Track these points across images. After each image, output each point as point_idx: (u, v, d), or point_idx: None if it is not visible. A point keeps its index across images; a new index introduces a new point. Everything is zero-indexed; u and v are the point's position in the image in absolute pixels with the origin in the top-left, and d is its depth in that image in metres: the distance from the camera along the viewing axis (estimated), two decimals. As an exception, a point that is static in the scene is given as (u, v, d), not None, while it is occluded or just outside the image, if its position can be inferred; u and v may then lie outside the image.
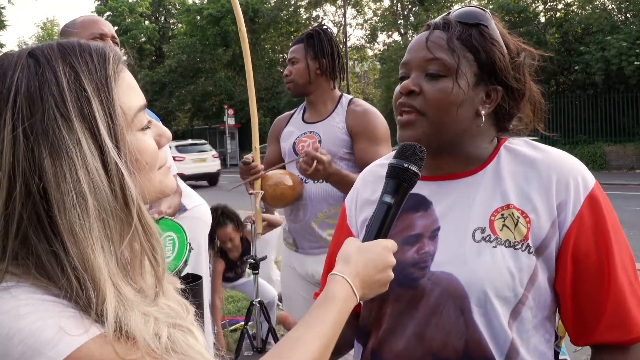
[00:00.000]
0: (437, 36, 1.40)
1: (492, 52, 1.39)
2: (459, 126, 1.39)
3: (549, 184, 1.37)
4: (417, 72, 1.40)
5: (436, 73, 1.38)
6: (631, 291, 1.34)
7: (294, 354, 1.00)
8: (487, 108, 1.42)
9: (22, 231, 0.87)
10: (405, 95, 1.40)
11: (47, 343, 0.80)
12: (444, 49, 1.38)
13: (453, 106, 1.37)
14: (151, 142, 1.00)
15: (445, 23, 1.42)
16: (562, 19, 28.07)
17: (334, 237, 1.72)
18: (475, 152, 1.45)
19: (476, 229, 1.38)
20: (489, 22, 1.41)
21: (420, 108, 1.38)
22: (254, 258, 4.64)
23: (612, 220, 1.36)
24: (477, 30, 1.40)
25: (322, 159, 2.69)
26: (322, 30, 3.18)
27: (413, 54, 1.43)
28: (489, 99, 1.41)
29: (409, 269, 1.38)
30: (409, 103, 1.40)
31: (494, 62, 1.38)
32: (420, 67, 1.40)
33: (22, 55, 0.92)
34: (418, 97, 1.39)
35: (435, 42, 1.39)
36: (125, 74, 0.98)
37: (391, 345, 1.43)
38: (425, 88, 1.38)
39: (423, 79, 1.39)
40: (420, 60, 1.40)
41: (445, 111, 1.37)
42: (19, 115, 0.86)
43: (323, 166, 2.70)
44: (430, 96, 1.38)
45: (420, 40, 1.43)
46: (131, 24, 48.86)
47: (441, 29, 1.41)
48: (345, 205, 1.69)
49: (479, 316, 1.33)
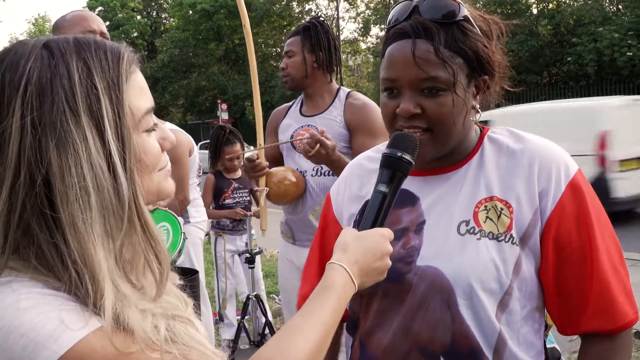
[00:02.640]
0: (424, 50, 1.31)
1: (477, 48, 1.34)
2: (462, 130, 1.38)
3: (531, 173, 1.37)
4: (411, 91, 1.34)
5: (435, 89, 1.32)
6: (616, 278, 1.33)
7: (295, 342, 1.01)
8: (479, 100, 1.41)
9: (24, 221, 0.87)
10: (407, 119, 1.35)
11: (49, 336, 0.80)
12: (436, 63, 1.31)
13: (456, 117, 1.34)
14: (155, 144, 1.01)
15: (425, 28, 1.32)
16: (555, 10, 28.08)
17: (320, 225, 1.71)
18: (463, 145, 1.44)
19: (461, 222, 1.38)
20: (464, 11, 1.35)
21: (426, 126, 1.35)
22: (250, 252, 4.66)
23: (595, 207, 1.36)
24: (458, 29, 1.33)
25: (326, 143, 2.67)
26: (319, 22, 3.16)
27: (401, 70, 1.34)
28: (478, 90, 1.40)
29: (395, 264, 1.36)
30: (414, 125, 1.35)
31: (480, 57, 1.35)
32: (413, 85, 1.33)
33: (37, 45, 0.92)
34: (420, 117, 1.34)
35: (423, 57, 1.31)
36: (137, 75, 0.98)
37: (378, 339, 1.43)
38: (426, 106, 1.33)
39: (419, 96, 1.34)
40: (412, 79, 1.33)
41: (450, 124, 1.35)
42: (29, 104, 0.86)
43: (326, 151, 2.68)
44: (433, 114, 1.33)
45: (404, 54, 1.33)
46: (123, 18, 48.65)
47: (423, 37, 1.32)
48: (331, 195, 1.68)
49: (465, 309, 1.34)
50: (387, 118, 1.41)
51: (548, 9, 28.80)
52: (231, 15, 40.01)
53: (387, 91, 1.40)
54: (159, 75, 43.29)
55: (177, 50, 42.89)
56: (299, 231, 3.14)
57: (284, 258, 3.30)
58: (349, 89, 3.25)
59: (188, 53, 43.25)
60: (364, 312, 1.48)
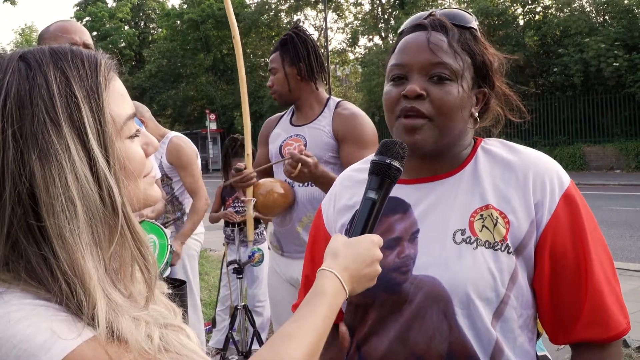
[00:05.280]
0: (439, 38, 1.38)
1: (485, 56, 1.41)
2: (459, 129, 1.40)
3: (526, 184, 1.38)
4: (420, 75, 1.38)
5: (443, 76, 1.36)
6: (609, 289, 1.34)
7: (287, 349, 1.01)
8: (478, 109, 1.44)
9: (12, 236, 0.87)
10: (411, 99, 1.38)
11: (41, 347, 0.80)
12: (448, 52, 1.37)
13: (459, 110, 1.37)
14: (139, 150, 1.01)
15: (441, 24, 1.41)
16: (541, 21, 28.31)
17: (310, 238, 1.71)
18: (457, 153, 1.46)
19: (456, 230, 1.39)
20: (475, 23, 1.44)
21: (427, 112, 1.37)
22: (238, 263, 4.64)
23: (588, 219, 1.37)
24: (470, 34, 1.41)
25: (307, 161, 2.67)
26: (296, 33, 3.15)
27: (413, 55, 1.39)
28: (477, 101, 1.44)
29: (391, 274, 1.37)
30: (416, 108, 1.37)
31: (487, 65, 1.40)
32: (423, 69, 1.38)
33: (13, 58, 0.91)
34: (424, 101, 1.37)
35: (437, 44, 1.37)
36: (116, 82, 0.98)
37: (375, 348, 1.43)
38: (432, 92, 1.37)
39: (427, 82, 1.37)
40: (424, 62, 1.38)
41: (452, 115, 1.37)
42: (9, 117, 0.86)
43: (309, 169, 2.68)
44: (438, 100, 1.36)
45: (419, 41, 1.40)
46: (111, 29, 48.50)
47: (439, 30, 1.40)
48: (322, 208, 1.69)
49: (462, 318, 1.34)
50: (389, 104, 1.43)
51: (534, 20, 29.02)
52: (219, 25, 40.04)
53: (394, 80, 1.43)
54: (147, 85, 43.19)
55: (165, 60, 42.82)
56: (287, 243, 3.13)
57: (273, 269, 3.29)
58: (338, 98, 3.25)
59: (176, 63, 43.20)
60: (360, 322, 1.47)
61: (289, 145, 3.08)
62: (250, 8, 40.99)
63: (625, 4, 24.66)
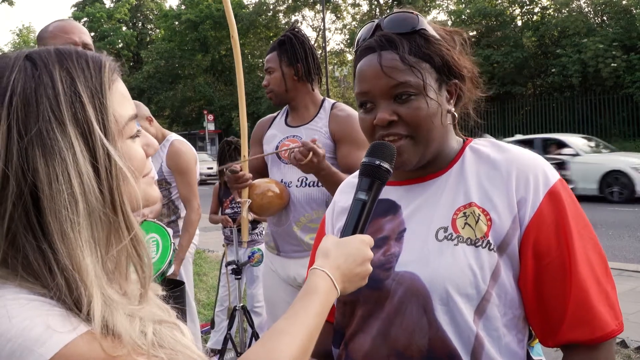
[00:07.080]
0: (390, 58, 1.37)
1: (441, 52, 1.39)
2: (440, 135, 1.41)
3: (509, 181, 1.37)
4: (385, 100, 1.39)
5: (406, 95, 1.37)
6: (597, 288, 1.31)
7: (280, 345, 1.03)
8: (453, 103, 1.45)
9: (12, 231, 0.88)
10: (385, 127, 1.39)
11: (36, 340, 0.80)
12: (403, 70, 1.36)
13: (433, 118, 1.38)
14: (140, 150, 1.03)
15: (389, 40, 1.39)
16: (539, 22, 28.41)
17: (315, 243, 1.73)
18: (445, 152, 1.46)
19: (439, 228, 1.39)
20: (424, 23, 1.41)
21: (405, 132, 1.38)
22: (236, 263, 4.64)
23: (575, 216, 1.35)
24: (420, 37, 1.40)
25: (318, 151, 2.68)
26: (294, 34, 3.17)
27: (372, 82, 1.40)
28: (451, 95, 1.44)
29: (375, 270, 1.37)
30: (393, 132, 1.39)
31: (446, 60, 1.40)
32: (385, 94, 1.38)
33: (19, 57, 0.93)
34: (397, 123, 1.38)
35: (390, 65, 1.37)
36: (119, 83, 1.00)
37: (360, 345, 1.44)
38: (402, 112, 1.37)
39: (393, 104, 1.38)
40: (383, 88, 1.38)
41: (428, 126, 1.38)
42: (15, 115, 0.88)
43: (318, 159, 2.69)
44: (410, 119, 1.37)
45: (372, 65, 1.40)
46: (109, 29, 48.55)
47: (388, 48, 1.39)
48: (326, 216, 1.71)
49: (442, 314, 1.33)
50: (366, 131, 1.46)
51: (532, 20, 29.13)
52: (217, 26, 40.12)
53: (362, 106, 1.45)
54: (145, 86, 43.28)
55: (163, 61, 42.89)
56: (284, 242, 3.13)
57: (269, 269, 3.30)
58: (335, 99, 3.26)
59: (174, 64, 43.29)
60: (349, 320, 1.49)
61: (286, 145, 3.08)
62: (248, 8, 41.12)
63: (624, 5, 24.75)
